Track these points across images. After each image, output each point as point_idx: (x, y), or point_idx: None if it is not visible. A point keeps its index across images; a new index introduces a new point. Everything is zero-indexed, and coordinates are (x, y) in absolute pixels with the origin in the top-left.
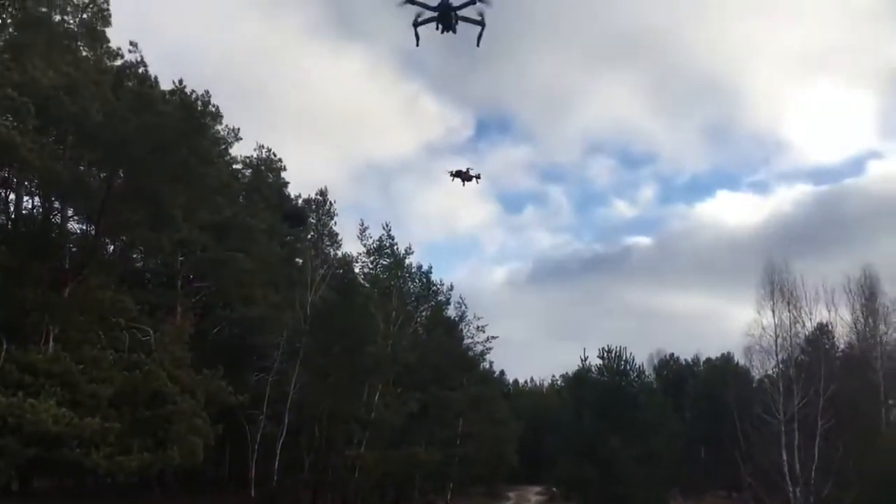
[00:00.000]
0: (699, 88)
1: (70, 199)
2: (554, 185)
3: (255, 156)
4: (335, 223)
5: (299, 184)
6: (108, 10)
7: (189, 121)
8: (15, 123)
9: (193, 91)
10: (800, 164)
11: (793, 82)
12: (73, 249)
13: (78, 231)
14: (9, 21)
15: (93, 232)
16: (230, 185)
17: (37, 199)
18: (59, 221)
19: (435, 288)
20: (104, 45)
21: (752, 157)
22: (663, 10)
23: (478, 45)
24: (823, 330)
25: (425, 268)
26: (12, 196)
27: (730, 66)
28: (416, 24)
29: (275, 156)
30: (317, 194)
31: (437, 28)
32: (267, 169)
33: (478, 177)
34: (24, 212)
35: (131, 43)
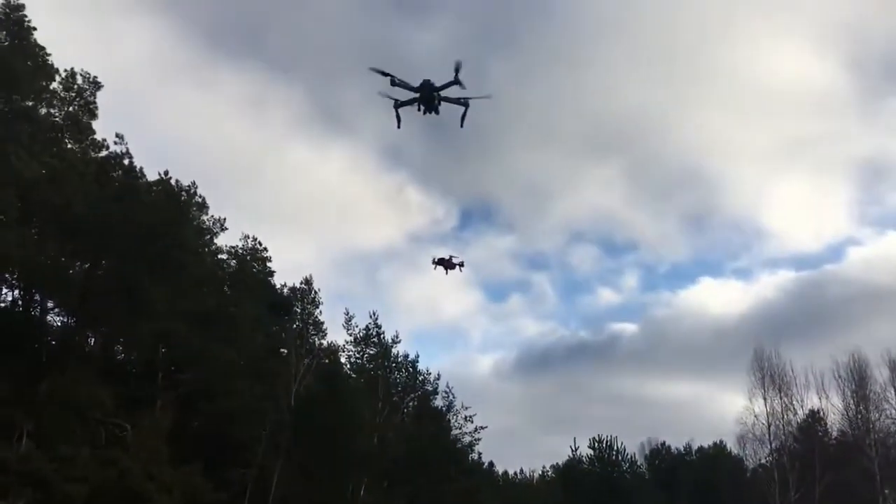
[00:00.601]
0: (678, 178)
1: (50, 290)
2: (538, 273)
3: (240, 245)
4: (320, 312)
5: (285, 273)
6: (94, 103)
7: (172, 211)
8: None
9: (178, 181)
10: (781, 250)
11: (770, 171)
12: (52, 342)
13: (58, 323)
14: None
15: (73, 324)
16: (214, 275)
17: (17, 291)
18: (38, 314)
19: (422, 377)
20: (90, 137)
21: (732, 244)
22: (641, 104)
23: (461, 125)
24: (815, 417)
25: (412, 357)
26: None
27: (707, 156)
28: (397, 106)
29: (260, 245)
30: (302, 283)
31: (419, 109)
32: (252, 258)
33: (461, 264)
34: (2, 305)
35: (117, 135)
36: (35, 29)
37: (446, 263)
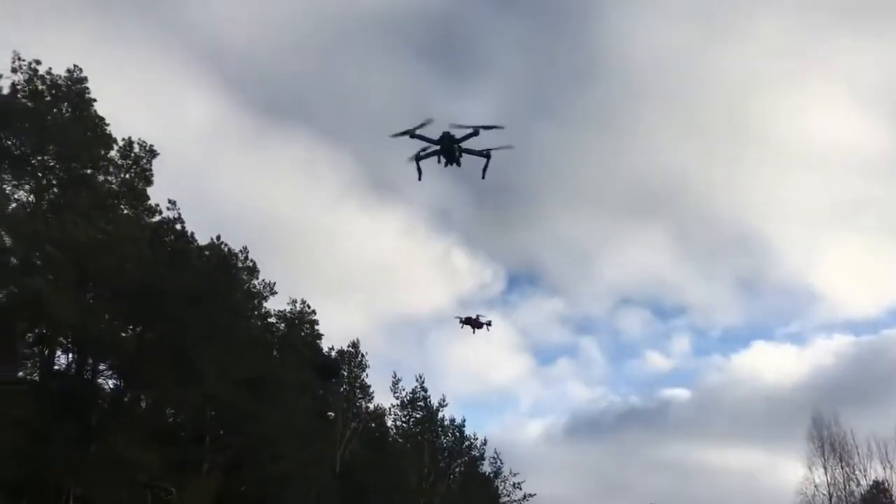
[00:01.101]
0: (726, 240)
1: (103, 354)
2: (586, 336)
3: (288, 309)
4: (367, 375)
5: (333, 336)
6: (150, 170)
7: (222, 275)
8: (51, 279)
9: (228, 246)
10: (835, 314)
11: (821, 234)
12: (103, 406)
13: (109, 387)
14: (54, 181)
15: (123, 387)
16: (262, 338)
17: (71, 355)
18: (90, 377)
19: (468, 442)
20: (145, 204)
21: (785, 307)
22: (685, 166)
23: (483, 177)
24: (880, 488)
25: (458, 421)
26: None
27: (756, 218)
28: (417, 159)
29: (308, 308)
30: (349, 346)
31: (439, 161)
32: (301, 322)
33: (488, 323)
34: (56, 367)
35: (170, 201)
36: (95, 100)
37: (473, 322)
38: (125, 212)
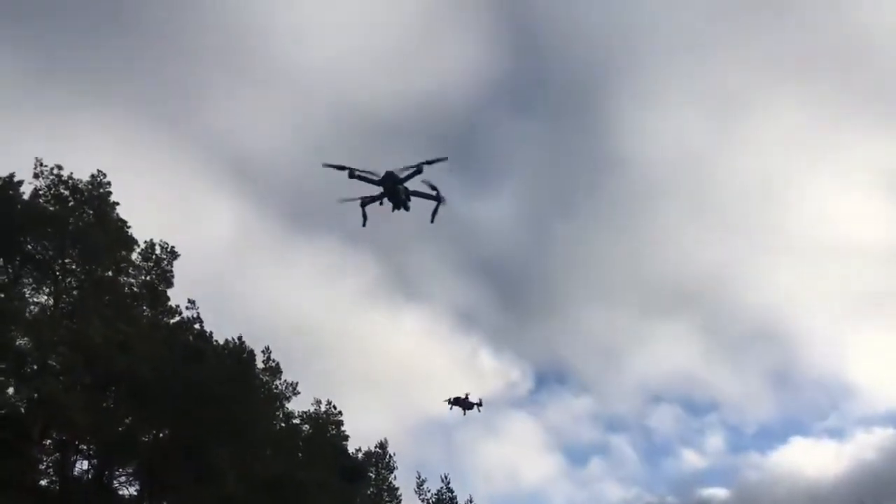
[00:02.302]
0: (755, 334)
1: (121, 458)
2: (618, 434)
3: (312, 410)
4: (395, 477)
5: (359, 437)
6: (171, 271)
7: (241, 375)
8: (64, 381)
9: (245, 344)
10: (873, 407)
11: (851, 325)
12: None
13: (130, 492)
14: (74, 284)
15: (141, 492)
16: (283, 439)
17: (89, 461)
18: (108, 482)
19: None
20: (164, 304)
21: (820, 401)
22: (711, 259)
23: (432, 221)
24: None
25: None
26: (70, 458)
27: (784, 311)
28: (363, 204)
29: (334, 409)
30: (376, 447)
31: (380, 204)
32: (326, 423)
33: (479, 404)
34: (74, 473)
35: (189, 300)
36: (118, 204)
37: (463, 403)
38: (145, 312)
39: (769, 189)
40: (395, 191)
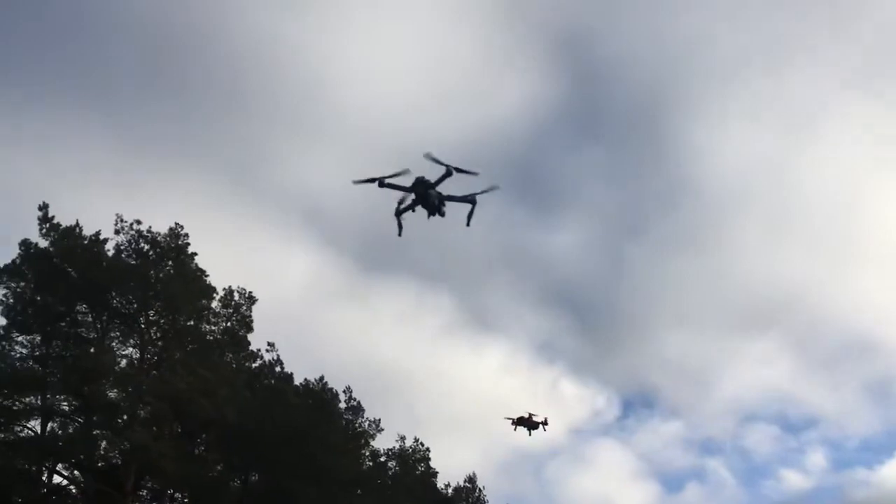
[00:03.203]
0: (847, 346)
1: (210, 502)
2: (712, 458)
3: (398, 446)
4: None
5: (447, 475)
6: (250, 316)
7: (322, 414)
8: (154, 431)
9: (326, 383)
10: None
11: None
12: None
13: None
14: (158, 334)
15: None
16: (371, 477)
17: None
18: None
19: None
20: (246, 349)
21: None
22: (792, 272)
23: (468, 224)
24: None
25: None
26: None
27: (874, 319)
28: (398, 213)
29: (422, 445)
30: (465, 482)
31: (413, 211)
32: (412, 459)
33: (545, 423)
34: None
35: (269, 343)
36: (196, 254)
37: (528, 423)
38: (227, 358)
39: (848, 199)
40: (427, 196)
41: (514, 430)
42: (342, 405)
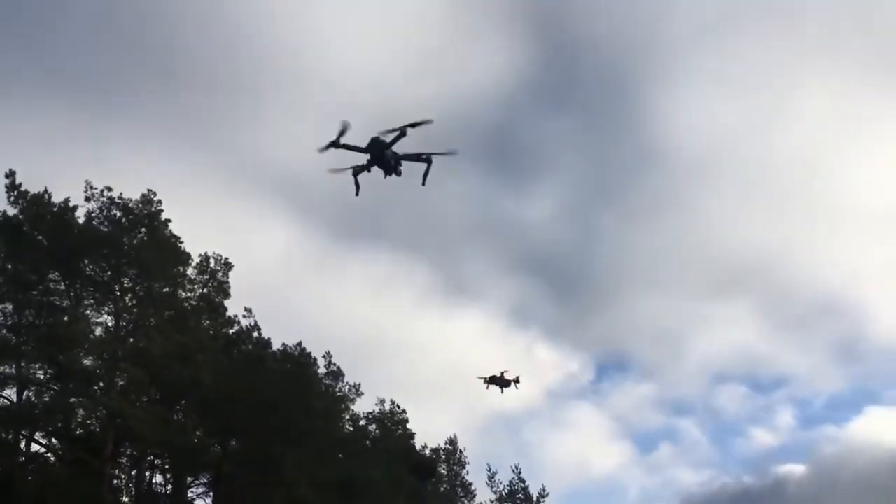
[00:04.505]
0: (816, 308)
1: (188, 469)
2: (685, 418)
3: (377, 410)
4: (467, 472)
5: (426, 437)
6: (227, 282)
7: (301, 379)
8: (133, 398)
9: (304, 348)
10: None
11: None
12: None
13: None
14: (133, 302)
15: (211, 502)
16: (352, 441)
17: (162, 474)
18: (178, 494)
19: None
20: (223, 315)
21: (889, 368)
22: (761, 236)
23: (423, 183)
24: None
25: None
26: (144, 473)
27: (841, 281)
28: (355, 174)
29: (398, 408)
30: (446, 444)
31: (368, 171)
32: (392, 423)
33: (516, 381)
34: (145, 485)
35: (246, 309)
36: (170, 221)
37: (500, 381)
38: (205, 324)
39: (815, 162)
40: (382, 156)
41: (487, 388)
42: (321, 370)
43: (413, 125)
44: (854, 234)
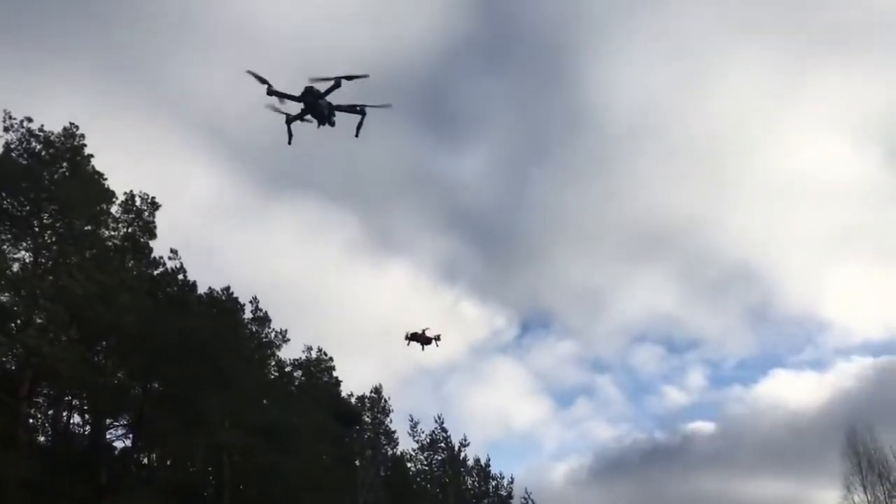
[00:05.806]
0: (731, 274)
1: (108, 409)
2: (603, 375)
3: (304, 357)
4: (391, 421)
5: (352, 386)
6: (153, 223)
7: (224, 321)
8: (52, 336)
9: (232, 293)
10: (849, 338)
11: (825, 261)
12: (113, 463)
13: (121, 443)
14: (53, 239)
15: (132, 444)
16: (275, 386)
17: (79, 415)
18: (98, 435)
19: (495, 482)
20: (148, 256)
21: (797, 334)
22: (684, 202)
23: (356, 135)
24: None
25: (483, 461)
26: (61, 413)
27: (757, 250)
28: (288, 122)
29: (325, 355)
30: (371, 392)
31: (301, 121)
32: (318, 369)
33: (437, 338)
34: (63, 425)
35: (172, 250)
36: (92, 156)
37: (421, 338)
38: (128, 265)
39: (738, 133)
40: (316, 106)
41: (408, 345)
42: (248, 316)
43: (348, 78)
44: (771, 204)
